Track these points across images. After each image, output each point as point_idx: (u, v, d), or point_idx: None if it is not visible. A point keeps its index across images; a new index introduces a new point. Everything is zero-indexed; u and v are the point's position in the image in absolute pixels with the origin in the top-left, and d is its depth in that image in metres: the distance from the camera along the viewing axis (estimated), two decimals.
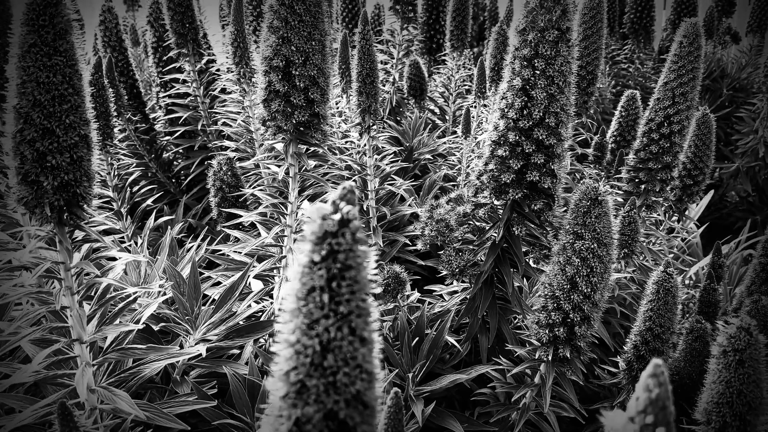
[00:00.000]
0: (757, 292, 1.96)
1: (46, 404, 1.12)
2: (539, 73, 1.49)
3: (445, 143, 2.98)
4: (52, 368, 1.16)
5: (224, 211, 2.14)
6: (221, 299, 1.59)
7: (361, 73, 2.08)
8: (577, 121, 2.50)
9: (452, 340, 1.84)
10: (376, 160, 2.32)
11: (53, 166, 1.04)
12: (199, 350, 1.34)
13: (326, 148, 1.65)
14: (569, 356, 1.51)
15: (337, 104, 2.76)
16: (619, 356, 1.71)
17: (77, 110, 1.05)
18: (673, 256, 2.39)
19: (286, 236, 1.72)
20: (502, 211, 1.71)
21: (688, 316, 2.11)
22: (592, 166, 2.49)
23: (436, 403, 1.71)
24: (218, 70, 2.97)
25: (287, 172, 1.63)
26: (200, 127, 2.98)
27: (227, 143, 2.67)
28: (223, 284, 1.83)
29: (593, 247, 1.38)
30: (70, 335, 1.16)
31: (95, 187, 1.14)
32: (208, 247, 2.05)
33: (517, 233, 1.68)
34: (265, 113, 1.55)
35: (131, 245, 2.09)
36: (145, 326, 1.47)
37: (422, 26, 3.47)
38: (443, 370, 1.82)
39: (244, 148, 2.64)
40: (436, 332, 1.78)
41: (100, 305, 1.17)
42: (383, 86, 3.21)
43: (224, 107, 2.81)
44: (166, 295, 1.35)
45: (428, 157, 2.89)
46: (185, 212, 2.89)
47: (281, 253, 1.76)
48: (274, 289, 1.74)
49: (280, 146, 1.63)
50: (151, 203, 2.77)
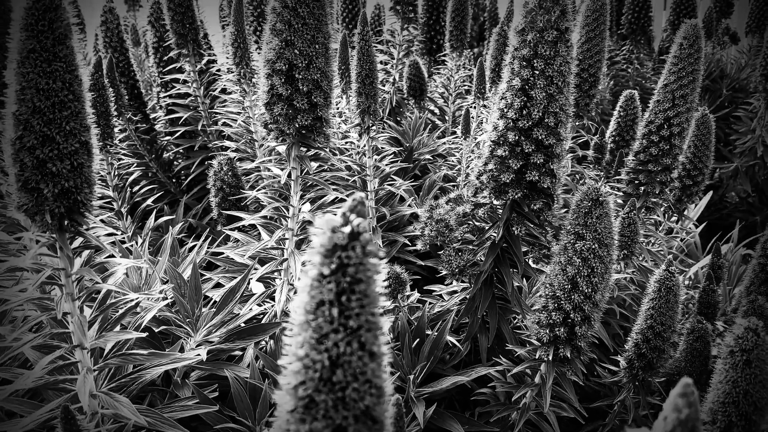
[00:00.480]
0: (755, 292, 1.96)
1: (49, 409, 1.12)
2: (538, 73, 1.49)
3: (444, 143, 2.98)
4: (54, 374, 1.15)
5: (226, 213, 2.13)
6: (222, 301, 1.59)
7: (360, 74, 2.07)
8: (578, 123, 2.50)
9: (453, 340, 1.84)
10: (375, 160, 2.32)
11: (53, 173, 1.03)
12: (200, 355, 1.34)
13: (328, 150, 1.64)
14: (570, 356, 1.51)
15: (336, 105, 2.76)
16: (619, 356, 1.71)
17: (77, 116, 1.04)
18: (672, 256, 2.39)
19: (287, 239, 1.72)
20: (501, 210, 1.71)
21: (687, 316, 2.11)
22: (591, 167, 2.49)
23: (436, 403, 1.71)
24: (218, 70, 2.97)
25: (289, 175, 1.63)
26: (200, 127, 2.97)
27: (227, 143, 2.66)
28: (224, 286, 1.82)
29: (594, 247, 1.38)
30: (71, 341, 1.16)
31: (96, 187, 1.13)
32: (209, 248, 2.04)
33: (516, 233, 1.68)
34: (267, 116, 1.53)
35: (132, 245, 2.08)
36: (146, 329, 1.46)
37: (422, 27, 3.47)
38: (444, 370, 1.82)
39: (244, 148, 2.64)
40: (436, 333, 1.78)
41: (101, 311, 1.17)
42: (383, 86, 3.20)
43: (224, 107, 2.81)
44: (167, 299, 1.35)
45: (428, 157, 2.88)
46: (185, 212, 2.89)
47: (283, 255, 1.76)
48: (275, 291, 1.74)
49: (282, 149, 1.62)
50: (151, 203, 2.77)
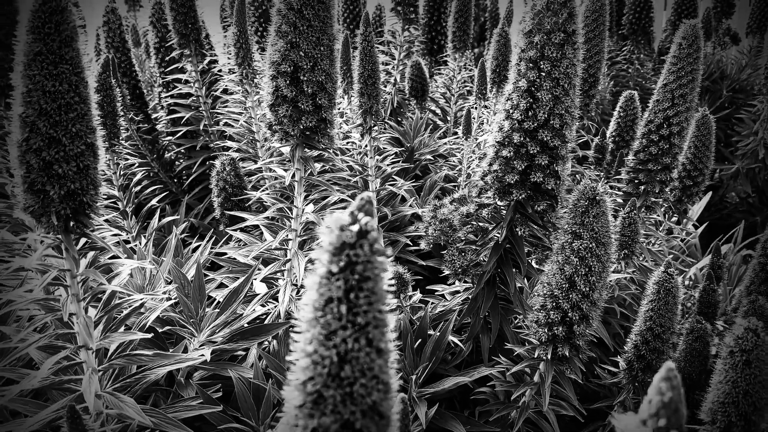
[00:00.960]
0: (755, 292, 1.97)
1: (55, 409, 1.12)
2: (545, 75, 1.49)
3: (446, 144, 2.98)
4: (59, 374, 1.16)
5: (229, 213, 2.14)
6: (226, 302, 1.59)
7: (362, 74, 2.08)
8: (579, 123, 2.50)
9: (455, 339, 1.85)
10: (377, 160, 2.32)
11: (60, 175, 1.03)
12: (203, 355, 1.34)
13: (331, 151, 1.64)
14: (568, 355, 1.52)
15: (338, 105, 2.76)
16: (619, 356, 1.71)
17: (83, 119, 1.04)
18: (672, 256, 2.39)
19: (290, 239, 1.72)
20: (505, 211, 1.71)
21: (687, 316, 2.12)
22: (592, 167, 2.50)
23: (438, 403, 1.71)
24: (220, 70, 2.97)
25: (293, 176, 1.63)
26: (202, 127, 2.98)
27: (229, 144, 2.67)
28: (227, 287, 1.83)
29: (591, 246, 1.39)
30: (76, 342, 1.16)
31: (101, 188, 1.14)
32: (212, 249, 2.05)
33: (520, 234, 1.69)
34: (272, 118, 1.53)
35: (136, 245, 2.09)
36: (150, 329, 1.47)
37: (424, 27, 3.47)
38: (446, 370, 1.82)
39: (246, 148, 2.64)
40: (438, 334, 1.79)
41: (105, 312, 1.17)
42: (384, 87, 3.21)
43: (226, 108, 2.81)
44: (171, 300, 1.35)
45: (429, 157, 2.89)
46: (187, 212, 2.90)
47: (286, 256, 1.77)
48: (278, 292, 1.74)
49: (286, 150, 1.62)
50: (156, 203, 2.78)
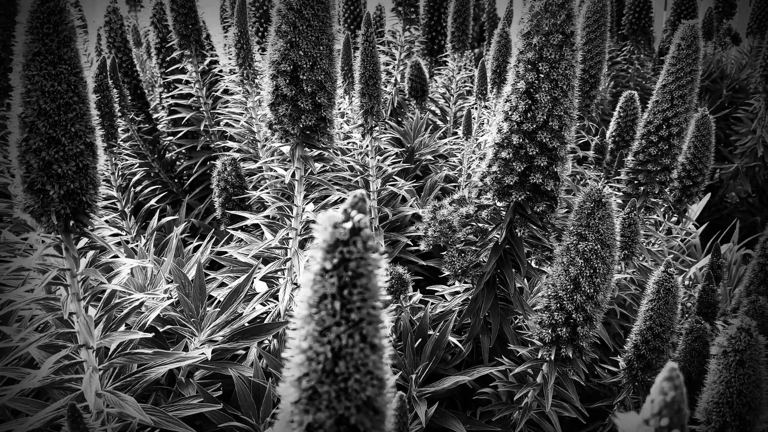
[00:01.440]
0: (755, 292, 1.97)
1: (55, 408, 1.13)
2: (543, 76, 1.49)
3: (446, 144, 2.99)
4: (59, 373, 1.16)
5: (230, 212, 2.14)
6: (226, 301, 1.60)
7: (363, 74, 2.09)
8: (579, 124, 2.51)
9: (454, 340, 1.85)
10: (378, 161, 2.33)
11: (59, 174, 1.03)
12: (204, 354, 1.35)
13: (331, 150, 1.65)
14: (571, 356, 1.52)
15: (339, 105, 2.77)
16: (619, 356, 1.71)
17: (83, 118, 1.04)
18: (672, 256, 2.39)
19: (291, 238, 1.73)
20: (504, 212, 1.71)
21: (687, 316, 2.12)
22: (592, 167, 2.50)
23: (438, 402, 1.72)
24: (221, 71, 2.97)
25: (293, 175, 1.64)
26: (203, 127, 2.98)
27: (230, 144, 2.67)
28: (228, 286, 1.83)
29: (597, 248, 1.39)
30: (76, 341, 1.17)
31: (100, 188, 1.14)
32: (213, 248, 2.05)
33: (519, 235, 1.69)
34: (272, 117, 1.54)
35: (136, 245, 2.09)
36: (150, 328, 1.47)
37: (424, 28, 3.47)
38: (446, 370, 1.83)
39: (246, 149, 2.65)
40: (438, 334, 1.79)
41: (106, 311, 1.18)
42: (385, 87, 3.21)
43: (227, 108, 2.81)
44: (171, 299, 1.36)
45: (429, 157, 2.89)
46: (188, 212, 2.90)
47: (286, 255, 1.77)
48: (279, 291, 1.75)
49: (286, 149, 1.62)
50: (155, 203, 2.78)
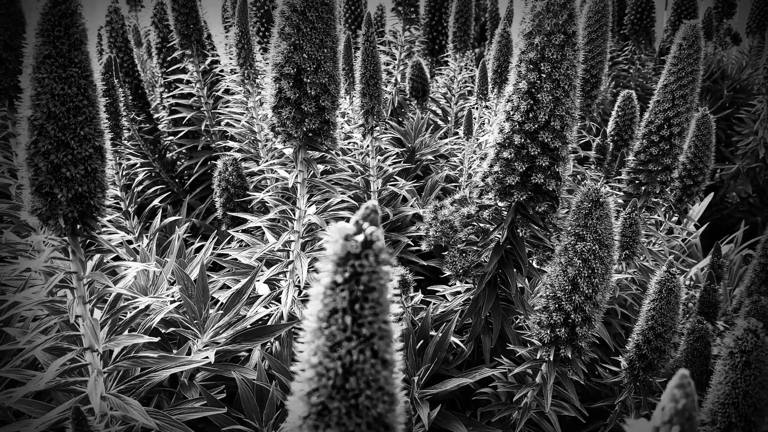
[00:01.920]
0: (756, 292, 1.97)
1: (61, 411, 1.13)
2: (545, 76, 1.49)
3: (446, 144, 2.98)
4: (64, 376, 1.17)
5: (232, 215, 2.14)
6: (229, 303, 1.60)
7: (364, 75, 2.09)
8: (580, 123, 2.51)
9: (456, 340, 1.85)
10: (379, 161, 2.33)
11: (68, 178, 1.03)
12: (208, 357, 1.35)
13: (334, 152, 1.65)
14: (570, 356, 1.52)
15: (340, 105, 2.76)
16: (620, 356, 1.72)
17: (92, 122, 1.04)
18: (673, 256, 2.40)
19: (293, 241, 1.73)
20: (506, 212, 1.71)
21: (688, 316, 2.13)
22: (593, 167, 2.50)
23: (440, 404, 1.71)
24: (222, 71, 2.97)
25: (296, 177, 1.63)
26: (204, 127, 2.98)
27: (231, 144, 2.67)
28: (230, 287, 1.83)
29: (595, 248, 1.39)
30: (81, 343, 1.17)
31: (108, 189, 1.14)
32: (214, 250, 2.05)
33: (521, 235, 1.69)
34: (275, 120, 1.53)
35: (139, 245, 2.09)
36: (154, 330, 1.47)
37: (425, 27, 3.46)
38: (447, 371, 1.83)
39: (247, 148, 2.64)
40: (440, 335, 1.79)
41: (111, 314, 1.18)
42: (385, 87, 3.21)
43: (228, 108, 2.81)
44: (175, 303, 1.36)
45: (430, 157, 2.89)
46: (188, 212, 2.90)
47: (289, 257, 1.77)
48: (281, 293, 1.75)
49: (289, 151, 1.62)
50: (158, 203, 2.78)
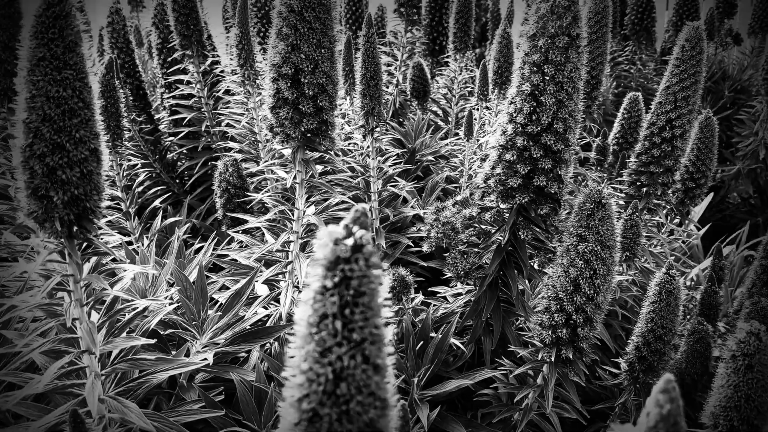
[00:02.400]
0: (757, 294, 1.97)
1: (59, 414, 1.13)
2: (548, 78, 1.48)
3: (447, 145, 2.98)
4: (62, 378, 1.17)
5: (232, 215, 2.14)
6: (228, 304, 1.60)
7: (365, 75, 2.08)
8: (581, 125, 2.50)
9: (457, 342, 1.85)
10: (379, 161, 2.33)
11: (63, 180, 1.03)
12: (206, 359, 1.35)
13: (333, 153, 1.65)
14: (572, 357, 1.51)
15: (340, 106, 2.76)
16: (620, 357, 1.71)
17: (87, 124, 1.04)
18: (673, 258, 2.39)
19: (292, 241, 1.73)
20: (508, 215, 1.70)
21: (689, 317, 2.12)
22: (594, 168, 2.49)
23: (440, 405, 1.71)
24: (222, 71, 2.97)
25: (294, 178, 1.63)
26: (204, 128, 2.98)
27: (231, 144, 2.67)
28: (229, 288, 1.83)
29: (596, 249, 1.39)
30: (78, 346, 1.17)
31: (105, 194, 1.14)
32: (214, 250, 2.05)
33: (522, 237, 1.68)
34: (273, 120, 1.53)
35: (138, 246, 2.09)
36: (152, 332, 1.47)
37: (426, 28, 3.46)
38: (447, 372, 1.83)
39: (248, 149, 2.65)
40: (440, 336, 1.79)
41: (108, 317, 1.18)
42: (386, 88, 3.20)
43: (228, 108, 2.81)
44: (173, 304, 1.36)
45: (430, 158, 2.89)
46: (188, 213, 2.90)
47: (287, 258, 1.77)
48: (280, 294, 1.75)
49: (287, 152, 1.62)
50: (159, 204, 2.78)
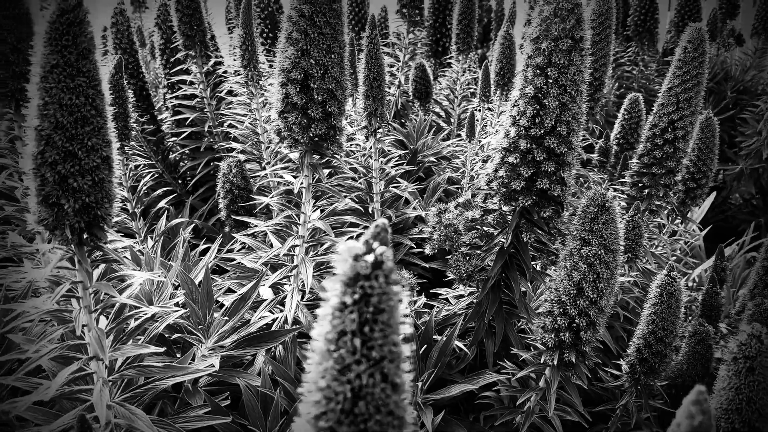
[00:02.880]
0: (760, 295, 1.98)
1: (67, 420, 1.13)
2: (552, 81, 1.48)
3: (449, 146, 2.98)
4: (70, 384, 1.17)
5: (237, 218, 2.13)
6: (234, 308, 1.60)
7: (368, 77, 2.08)
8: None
9: (460, 344, 1.85)
10: (381, 163, 2.33)
11: (75, 188, 1.02)
12: (213, 365, 1.35)
13: (339, 157, 1.65)
14: (574, 361, 1.52)
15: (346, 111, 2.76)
16: (622, 359, 1.72)
17: (99, 132, 1.03)
18: (675, 259, 2.40)
19: (298, 246, 1.73)
20: (510, 217, 1.70)
21: (690, 318, 2.13)
22: (596, 170, 2.50)
23: (444, 409, 1.71)
24: (226, 71, 2.96)
25: (301, 183, 1.63)
26: (207, 128, 2.97)
27: (234, 145, 2.67)
28: (234, 291, 1.83)
29: (600, 253, 1.39)
30: (86, 351, 1.17)
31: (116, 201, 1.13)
32: (218, 253, 2.05)
33: (525, 240, 1.68)
34: (281, 125, 1.53)
35: (143, 248, 2.09)
36: (159, 336, 1.48)
37: (428, 29, 3.46)
38: (451, 375, 1.83)
39: (250, 150, 2.64)
40: (444, 339, 1.79)
41: (117, 323, 1.18)
42: (388, 89, 3.20)
43: (231, 109, 2.81)
44: (181, 310, 1.36)
45: (432, 159, 2.89)
46: (191, 213, 2.89)
47: (293, 262, 1.77)
48: (285, 298, 1.75)
49: (294, 156, 1.62)
50: (164, 205, 2.78)
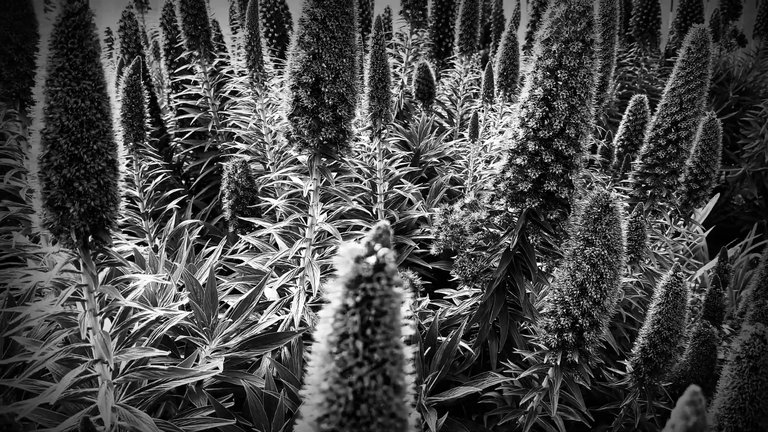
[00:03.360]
0: (763, 296, 1.98)
1: (72, 423, 1.14)
2: (562, 84, 1.47)
3: (451, 146, 2.99)
4: (75, 387, 1.17)
5: (242, 219, 2.13)
6: (238, 309, 1.59)
7: (373, 77, 2.09)
8: None
9: (465, 345, 1.85)
10: (385, 163, 2.33)
11: (80, 192, 1.02)
12: (217, 368, 1.35)
13: (347, 160, 1.65)
14: (577, 361, 1.52)
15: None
16: (625, 359, 1.72)
17: (105, 135, 1.03)
18: (678, 259, 2.40)
19: (305, 248, 1.73)
20: (517, 219, 1.70)
21: (693, 319, 2.13)
22: (598, 170, 2.50)
23: (448, 411, 1.71)
24: (230, 72, 2.97)
25: (310, 185, 1.63)
26: (210, 128, 2.97)
27: (238, 145, 2.67)
28: (239, 293, 1.84)
29: (603, 253, 1.39)
30: (91, 354, 1.17)
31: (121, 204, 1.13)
32: (222, 254, 2.05)
33: (531, 242, 1.68)
34: (291, 128, 1.53)
35: (152, 246, 2.10)
36: (163, 337, 1.48)
37: (431, 30, 3.47)
38: (455, 377, 1.83)
39: (255, 150, 2.65)
40: (448, 341, 1.78)
41: (122, 326, 1.18)
42: (392, 90, 3.20)
43: (235, 109, 2.81)
44: (185, 313, 1.37)
45: (435, 160, 2.89)
46: (194, 213, 2.90)
47: (299, 264, 1.77)
48: (291, 300, 1.75)
49: (303, 158, 1.62)
50: (175, 206, 2.78)
